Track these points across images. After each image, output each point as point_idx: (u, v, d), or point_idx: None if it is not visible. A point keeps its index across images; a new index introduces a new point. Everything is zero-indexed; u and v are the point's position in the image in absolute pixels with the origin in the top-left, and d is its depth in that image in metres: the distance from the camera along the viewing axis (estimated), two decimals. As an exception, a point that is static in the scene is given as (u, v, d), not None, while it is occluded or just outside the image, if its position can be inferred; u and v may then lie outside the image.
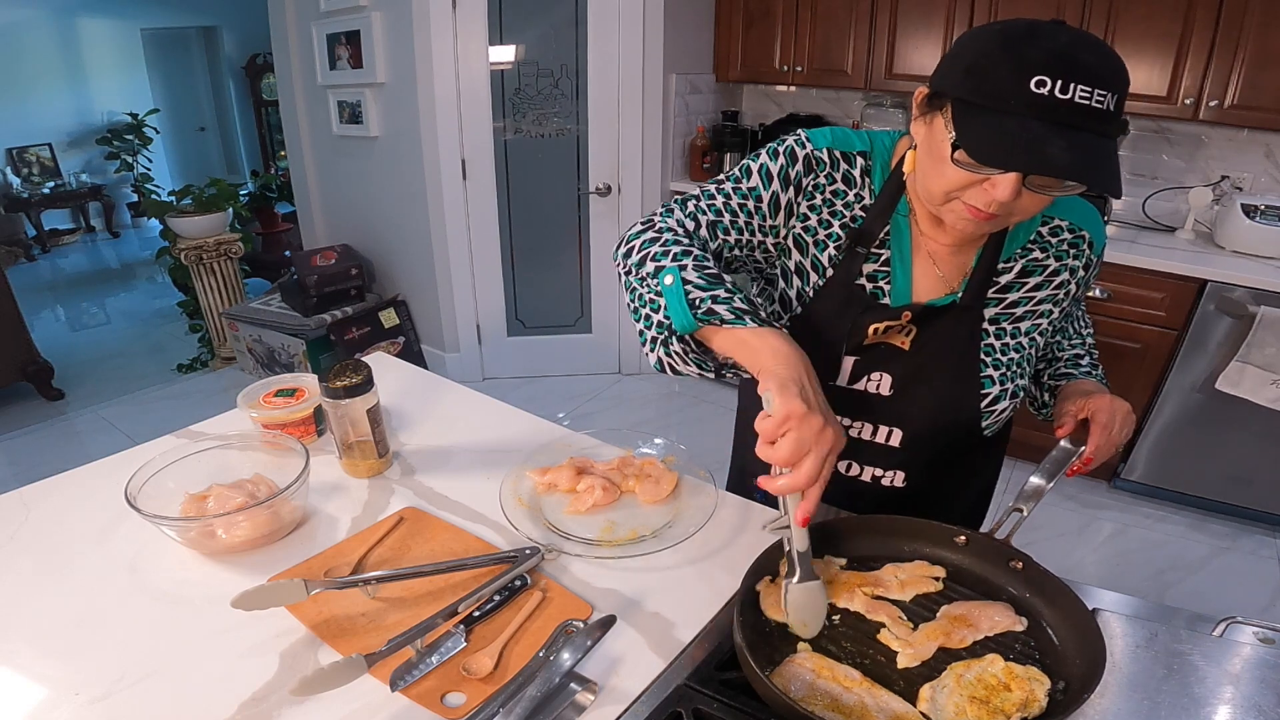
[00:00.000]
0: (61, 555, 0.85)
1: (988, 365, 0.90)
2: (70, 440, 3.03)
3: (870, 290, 0.89)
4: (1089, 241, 0.91)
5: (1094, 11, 2.38)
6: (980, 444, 0.98)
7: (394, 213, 3.31)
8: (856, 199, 0.89)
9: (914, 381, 0.91)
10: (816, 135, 0.89)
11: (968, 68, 0.68)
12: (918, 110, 0.77)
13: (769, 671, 0.64)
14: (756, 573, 0.74)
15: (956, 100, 0.69)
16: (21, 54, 5.95)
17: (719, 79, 3.32)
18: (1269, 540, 2.40)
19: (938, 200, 0.77)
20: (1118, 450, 0.86)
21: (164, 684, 0.67)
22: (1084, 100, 0.64)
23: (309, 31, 3.27)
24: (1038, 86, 0.64)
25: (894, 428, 0.94)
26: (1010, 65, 0.65)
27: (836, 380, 0.92)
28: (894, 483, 0.97)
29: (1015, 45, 0.66)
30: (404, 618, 0.75)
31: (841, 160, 0.89)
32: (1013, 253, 0.89)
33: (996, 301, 0.90)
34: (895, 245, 0.89)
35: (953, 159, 0.71)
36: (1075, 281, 0.92)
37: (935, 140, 0.74)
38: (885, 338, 0.90)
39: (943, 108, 0.72)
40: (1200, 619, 0.75)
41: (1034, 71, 0.64)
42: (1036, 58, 0.64)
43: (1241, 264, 2.27)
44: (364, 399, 0.96)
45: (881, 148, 0.90)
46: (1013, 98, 0.65)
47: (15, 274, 4.98)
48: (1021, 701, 0.61)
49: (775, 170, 0.88)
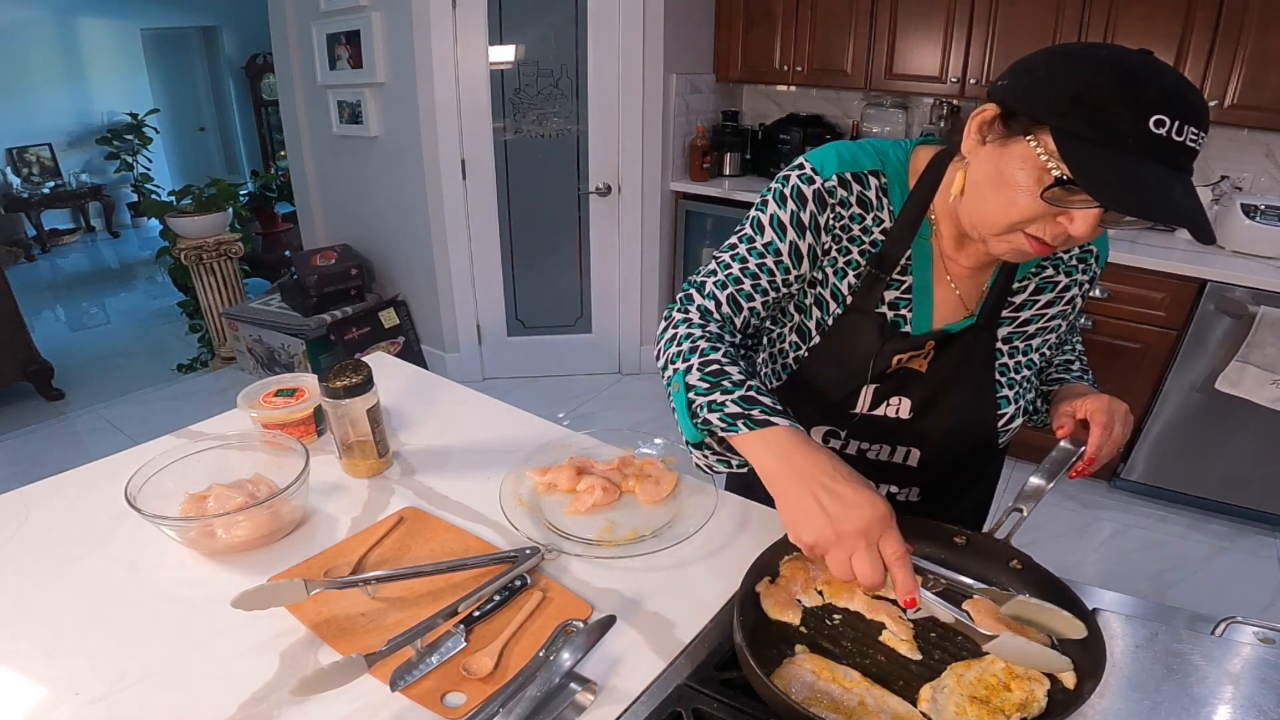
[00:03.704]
0: (61, 555, 0.85)
1: (1003, 385, 0.90)
2: (70, 440, 3.03)
3: (892, 318, 0.86)
4: (1096, 255, 0.91)
5: (1094, 11, 2.38)
6: (989, 458, 0.98)
7: (394, 213, 3.31)
8: (875, 222, 0.84)
9: (933, 404, 0.90)
10: (823, 162, 0.83)
11: (1075, 96, 0.63)
12: (985, 130, 0.71)
13: (769, 672, 0.64)
14: (757, 573, 0.74)
15: (1060, 131, 0.63)
16: (21, 54, 5.95)
17: (719, 79, 3.32)
18: (1269, 540, 2.40)
19: (997, 230, 0.72)
20: (1117, 451, 0.85)
21: (164, 684, 0.67)
22: (1192, 142, 0.62)
23: (309, 31, 3.27)
24: (1157, 126, 0.60)
25: (913, 448, 0.93)
26: (1130, 101, 0.61)
27: (857, 408, 0.90)
28: (909, 498, 0.97)
29: (1131, 79, 0.61)
30: (404, 618, 0.75)
31: (854, 182, 0.83)
32: (1026, 272, 0.88)
33: (1010, 321, 0.89)
34: (917, 270, 0.85)
35: (1043, 194, 0.65)
36: (1081, 294, 0.92)
37: (1009, 167, 0.68)
38: (905, 364, 0.88)
39: (1027, 133, 0.66)
40: (1200, 619, 0.75)
41: (1154, 110, 0.60)
42: (1155, 95, 0.61)
43: (1241, 264, 2.27)
44: (364, 399, 0.96)
45: (896, 163, 0.85)
46: (1131, 136, 0.61)
47: (15, 274, 4.98)
48: (1021, 701, 0.61)
49: (788, 219, 0.83)
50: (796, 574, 0.77)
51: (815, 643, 0.70)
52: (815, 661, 0.66)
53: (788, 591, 0.75)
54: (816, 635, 0.71)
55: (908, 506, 0.98)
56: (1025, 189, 0.67)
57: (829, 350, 0.89)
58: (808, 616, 0.73)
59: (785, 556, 0.78)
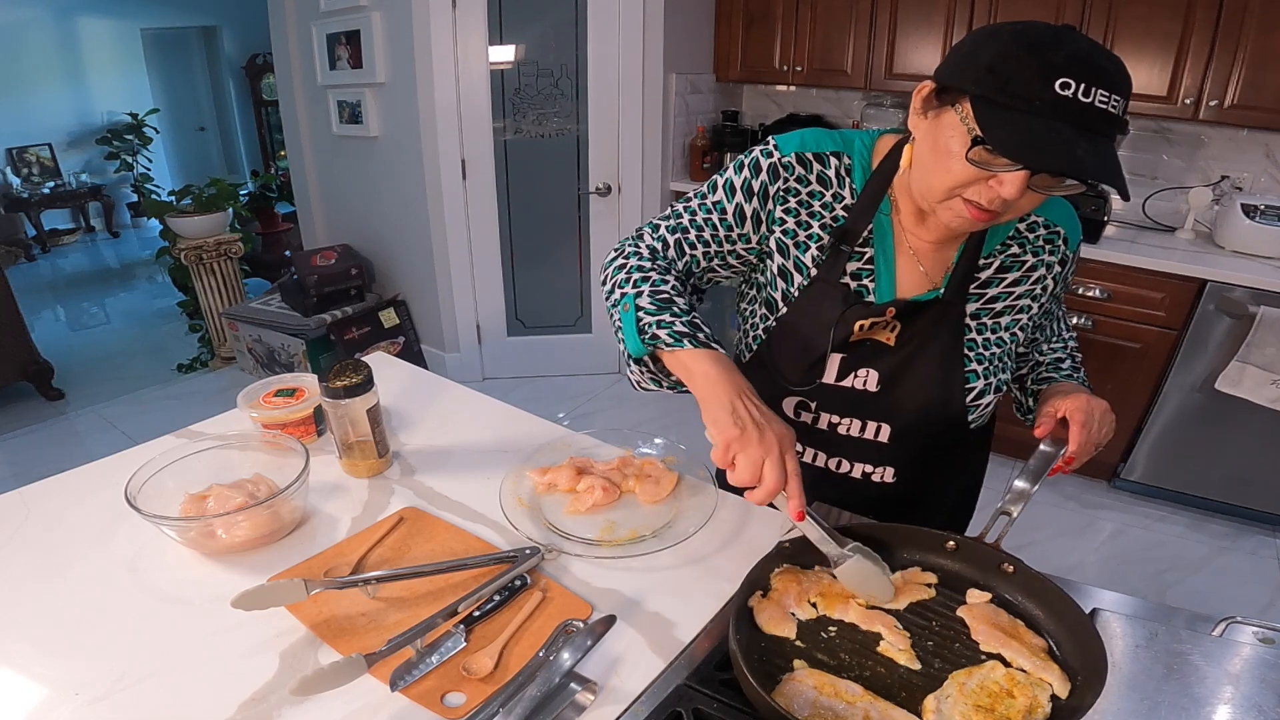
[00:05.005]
0: (61, 555, 0.85)
1: (971, 360, 0.92)
2: (70, 440, 3.03)
3: (855, 288, 0.90)
4: (1064, 238, 0.93)
5: (1094, 11, 2.37)
6: (965, 438, 0.99)
7: (394, 213, 3.31)
8: (836, 199, 0.90)
9: (900, 377, 0.92)
10: (785, 141, 0.90)
11: (990, 66, 0.68)
12: (921, 105, 0.77)
13: (771, 689, 0.63)
14: (749, 588, 0.73)
15: (977, 97, 0.69)
16: (21, 54, 5.95)
17: (719, 79, 3.32)
18: (1269, 540, 2.40)
19: (938, 196, 0.77)
20: (1098, 449, 0.86)
21: (164, 684, 0.67)
22: (1102, 105, 0.66)
23: (309, 31, 3.27)
24: (1063, 89, 0.65)
25: (882, 423, 0.95)
26: (1035, 66, 0.66)
27: (824, 378, 0.93)
28: (884, 478, 0.97)
29: (1039, 48, 0.66)
30: (404, 618, 0.75)
31: (814, 162, 0.90)
32: (992, 249, 0.90)
33: (977, 297, 0.91)
34: (879, 243, 0.90)
35: (967, 155, 0.70)
36: (1053, 277, 0.93)
37: (943, 135, 0.73)
38: (871, 334, 0.91)
39: (954, 103, 0.72)
40: (1200, 619, 0.75)
41: (1059, 74, 0.65)
42: (1061, 61, 0.65)
43: (1241, 264, 2.27)
44: (364, 399, 0.96)
45: (861, 146, 0.91)
46: (1038, 98, 0.65)
47: (15, 274, 4.99)
48: (1026, 708, 0.61)
49: (739, 183, 0.91)
50: (789, 587, 0.75)
51: (812, 656, 0.69)
52: (816, 676, 0.65)
53: (781, 605, 0.73)
54: (813, 649, 0.70)
55: (883, 489, 0.98)
56: (956, 155, 0.72)
57: (795, 319, 0.93)
58: (802, 630, 0.72)
59: (775, 570, 0.77)
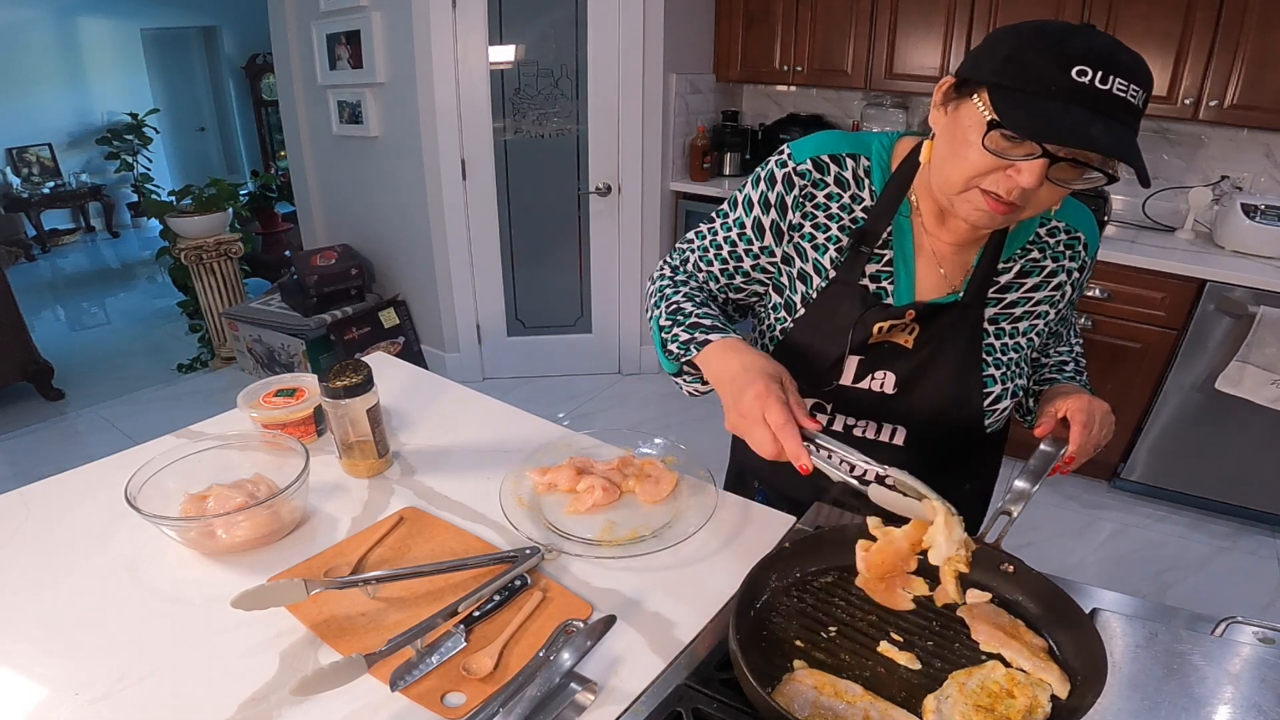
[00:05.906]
0: (61, 555, 0.85)
1: (989, 364, 0.91)
2: (70, 440, 3.03)
3: (874, 290, 0.90)
4: (1084, 243, 0.92)
5: (1094, 11, 2.38)
6: (980, 442, 0.98)
7: (394, 213, 3.31)
8: (855, 200, 0.90)
9: (918, 380, 0.91)
10: (800, 148, 0.90)
11: (1007, 57, 0.70)
12: (941, 99, 0.78)
13: (771, 689, 0.63)
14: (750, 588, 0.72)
15: (994, 85, 0.70)
16: (21, 54, 5.95)
17: (719, 79, 3.32)
18: (1269, 540, 2.40)
19: (956, 188, 0.77)
20: (1098, 450, 0.86)
21: (164, 684, 0.67)
22: (1120, 93, 0.66)
23: (309, 31, 3.27)
24: (1079, 75, 0.66)
25: (898, 425, 0.94)
26: (1052, 55, 0.67)
27: (841, 380, 0.92)
28: None
29: (1056, 39, 0.67)
30: (404, 618, 0.75)
31: (831, 164, 0.89)
32: (1012, 253, 0.90)
33: (996, 301, 0.90)
34: (898, 245, 0.89)
35: (983, 142, 0.71)
36: (1071, 283, 0.93)
37: (961, 126, 0.74)
38: (889, 336, 0.90)
39: (972, 94, 0.73)
40: (1200, 619, 0.75)
41: (1076, 62, 0.66)
42: (1078, 50, 0.66)
43: (1241, 264, 2.27)
44: (364, 399, 0.96)
45: (879, 148, 0.90)
46: (1054, 83, 0.66)
47: (15, 274, 4.98)
48: (1026, 707, 0.61)
49: (756, 198, 0.93)
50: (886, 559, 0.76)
51: (812, 656, 0.69)
52: (816, 676, 0.65)
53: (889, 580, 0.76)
54: (813, 649, 0.69)
55: None
56: (973, 144, 0.73)
57: (813, 321, 0.93)
58: (803, 630, 0.71)
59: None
